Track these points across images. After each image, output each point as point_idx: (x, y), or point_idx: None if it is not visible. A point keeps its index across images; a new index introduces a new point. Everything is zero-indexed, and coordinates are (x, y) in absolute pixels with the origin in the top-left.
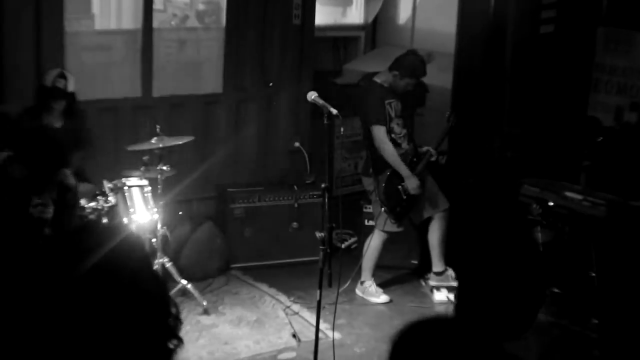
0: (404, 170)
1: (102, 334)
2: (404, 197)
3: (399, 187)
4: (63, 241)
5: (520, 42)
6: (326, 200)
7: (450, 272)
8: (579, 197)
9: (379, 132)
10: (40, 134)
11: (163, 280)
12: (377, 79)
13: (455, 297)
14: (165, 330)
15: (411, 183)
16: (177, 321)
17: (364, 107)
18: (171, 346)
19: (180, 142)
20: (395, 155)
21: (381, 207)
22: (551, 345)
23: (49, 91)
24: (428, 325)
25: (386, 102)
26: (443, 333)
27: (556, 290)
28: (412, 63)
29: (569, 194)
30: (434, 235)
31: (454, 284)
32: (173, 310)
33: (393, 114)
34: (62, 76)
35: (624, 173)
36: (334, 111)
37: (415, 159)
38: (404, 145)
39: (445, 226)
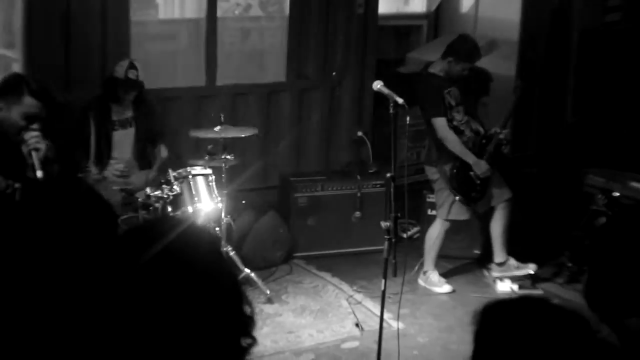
0: (470, 157)
1: (170, 326)
2: (477, 182)
3: (471, 173)
4: (133, 231)
5: (585, 31)
6: (391, 189)
7: (512, 262)
8: None
9: (439, 124)
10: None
11: (236, 276)
12: (433, 69)
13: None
14: (238, 326)
15: (480, 168)
16: (251, 320)
17: (422, 99)
18: (244, 344)
19: (243, 135)
20: (460, 144)
21: (455, 195)
22: None
23: (123, 83)
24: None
25: (445, 91)
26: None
27: None
28: (465, 47)
29: (634, 184)
30: (497, 225)
31: (517, 273)
32: (247, 309)
33: (453, 102)
34: (133, 67)
35: None
36: (400, 100)
37: (484, 141)
38: (467, 132)
39: (508, 216)
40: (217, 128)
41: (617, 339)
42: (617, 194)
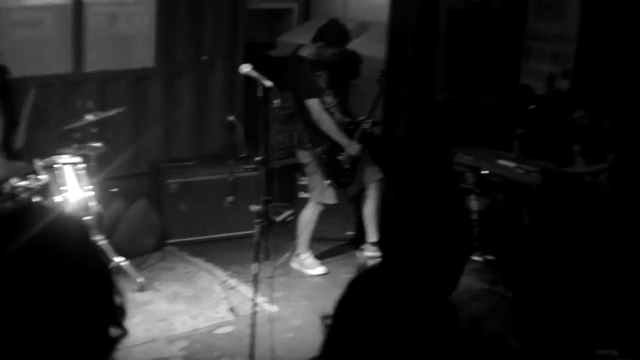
0: (343, 139)
1: (35, 316)
2: (347, 166)
3: (340, 157)
4: None
5: (453, 11)
6: (263, 173)
7: None
8: (512, 164)
9: (314, 105)
10: None
11: (105, 266)
12: (303, 53)
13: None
14: (107, 316)
15: (352, 149)
16: (121, 310)
17: (294, 82)
18: (114, 335)
19: (112, 113)
20: (333, 125)
21: (325, 179)
22: (487, 312)
23: None
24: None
25: (315, 74)
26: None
27: (491, 257)
28: (334, 32)
29: (502, 162)
30: (369, 206)
31: None
32: (117, 299)
33: (324, 86)
34: None
35: (556, 140)
36: (269, 83)
37: (352, 127)
38: (337, 115)
39: (379, 197)
40: (86, 115)
41: None
42: (486, 172)
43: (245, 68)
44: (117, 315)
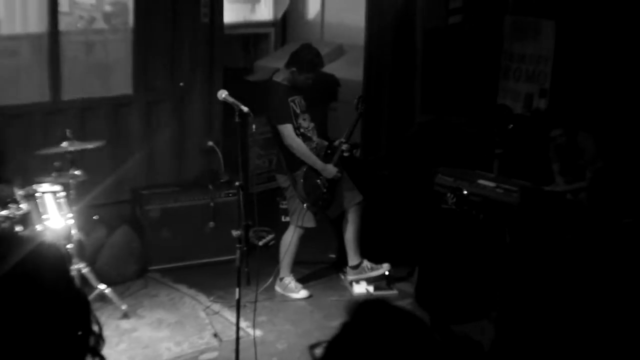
0: (318, 163)
1: (11, 346)
2: (324, 190)
3: (318, 180)
4: None
5: (429, 32)
6: (241, 198)
7: (366, 264)
8: (492, 184)
9: (286, 130)
10: None
11: (83, 294)
12: (277, 78)
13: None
14: (84, 346)
15: (328, 172)
16: (99, 339)
17: (268, 108)
18: None
19: (91, 146)
20: (307, 150)
21: (303, 203)
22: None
23: None
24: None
25: (289, 99)
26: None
27: None
28: (307, 57)
29: (482, 181)
30: (349, 228)
31: (372, 274)
32: (95, 327)
33: (298, 110)
34: None
35: (536, 159)
36: (245, 109)
37: (329, 151)
38: (315, 138)
39: (359, 219)
40: (64, 144)
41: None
42: (466, 192)
43: (223, 94)
44: (95, 343)
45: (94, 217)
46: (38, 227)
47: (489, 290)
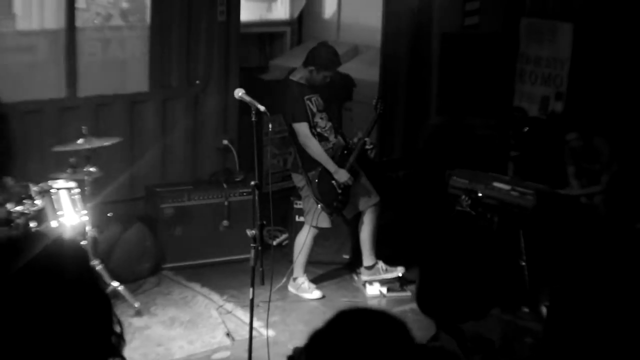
0: (331, 165)
1: (34, 345)
2: (339, 190)
3: (333, 182)
4: None
5: (446, 34)
6: (256, 197)
7: (381, 265)
8: (507, 187)
9: (302, 129)
10: None
11: (106, 294)
12: (294, 77)
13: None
14: (106, 346)
15: (340, 177)
16: (121, 339)
17: (284, 106)
18: None
19: (107, 144)
20: (321, 151)
21: (317, 203)
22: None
23: None
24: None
25: (305, 98)
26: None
27: None
28: (325, 56)
29: (497, 184)
30: (365, 229)
31: (386, 276)
32: (116, 327)
33: (315, 109)
34: None
35: (551, 162)
36: (262, 108)
37: (346, 152)
38: (332, 138)
39: (376, 220)
40: (80, 141)
41: (456, 345)
42: (481, 195)
43: (239, 92)
44: (116, 344)
45: (108, 214)
46: (52, 224)
47: (493, 290)
